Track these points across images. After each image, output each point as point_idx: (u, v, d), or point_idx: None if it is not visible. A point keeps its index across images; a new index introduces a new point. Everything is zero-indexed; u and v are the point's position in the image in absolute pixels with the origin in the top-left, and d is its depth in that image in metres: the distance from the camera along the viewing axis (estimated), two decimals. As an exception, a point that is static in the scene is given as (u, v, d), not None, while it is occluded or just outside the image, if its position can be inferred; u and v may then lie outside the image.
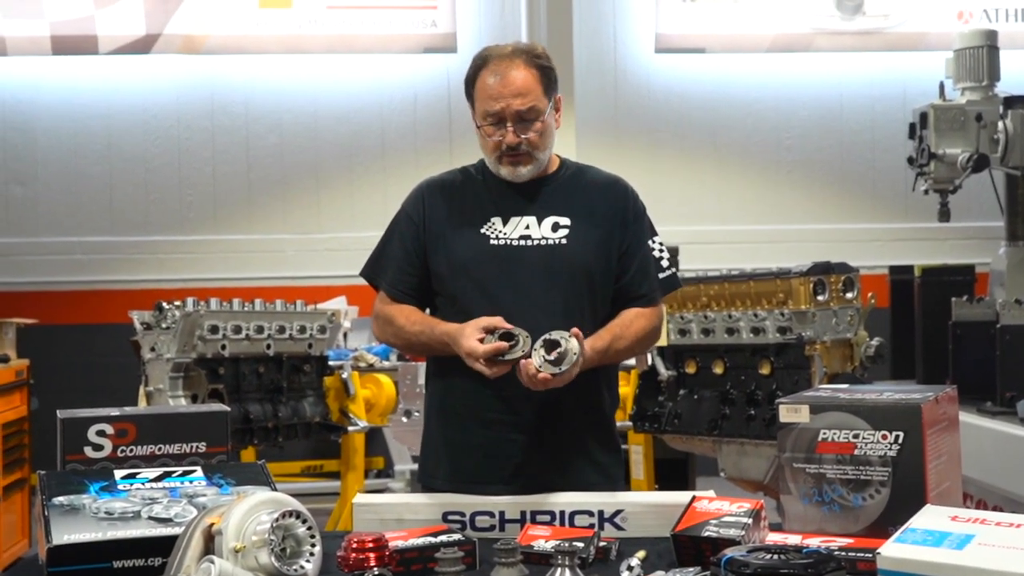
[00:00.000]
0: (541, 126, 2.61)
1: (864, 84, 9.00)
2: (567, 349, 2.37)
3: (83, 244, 8.37)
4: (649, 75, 8.84)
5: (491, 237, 2.65)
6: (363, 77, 8.63)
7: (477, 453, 2.63)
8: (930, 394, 2.15)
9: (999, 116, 4.84)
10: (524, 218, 2.67)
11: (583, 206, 2.69)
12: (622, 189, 2.78)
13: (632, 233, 2.72)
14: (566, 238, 2.65)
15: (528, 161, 2.63)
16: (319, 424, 4.69)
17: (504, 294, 2.58)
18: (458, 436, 2.68)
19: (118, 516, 2.06)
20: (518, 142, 2.59)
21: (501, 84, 2.57)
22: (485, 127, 2.62)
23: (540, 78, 2.62)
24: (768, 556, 1.82)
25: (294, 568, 1.85)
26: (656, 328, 2.74)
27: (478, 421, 2.64)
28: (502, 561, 1.95)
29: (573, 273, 2.63)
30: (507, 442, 2.61)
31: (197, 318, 4.17)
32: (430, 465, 2.76)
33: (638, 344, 2.69)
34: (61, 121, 8.40)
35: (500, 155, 2.62)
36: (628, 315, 2.67)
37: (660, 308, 2.77)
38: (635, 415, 4.34)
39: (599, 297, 2.67)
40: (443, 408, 2.72)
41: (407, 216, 2.75)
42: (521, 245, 2.64)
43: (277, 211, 8.57)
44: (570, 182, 2.73)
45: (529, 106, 2.58)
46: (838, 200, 9.03)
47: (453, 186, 2.75)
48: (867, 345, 3.89)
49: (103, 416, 2.31)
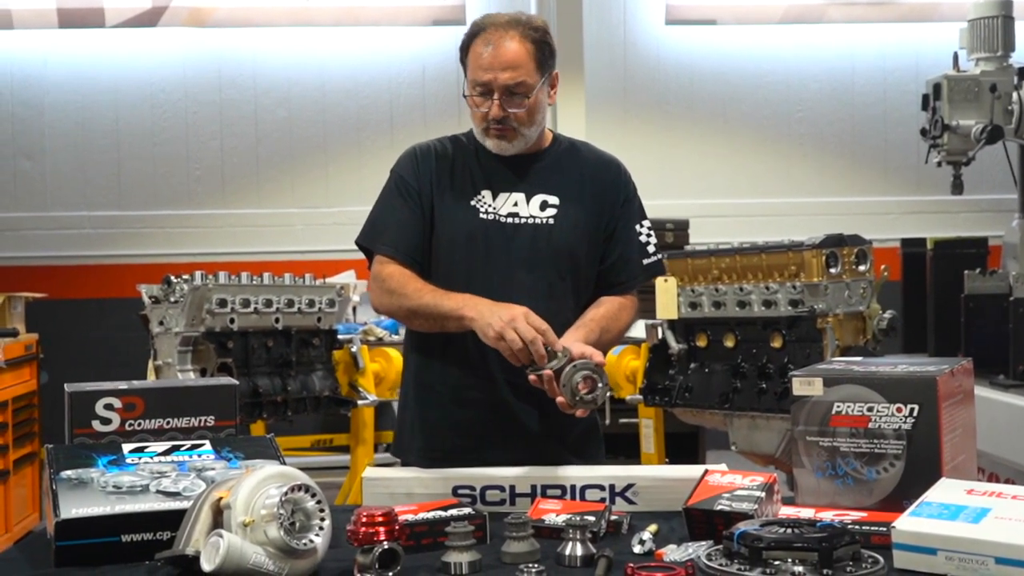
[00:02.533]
0: (530, 102, 2.54)
1: (877, 56, 8.93)
2: (602, 390, 2.30)
3: (91, 218, 8.36)
4: (659, 48, 8.78)
5: (480, 210, 2.60)
6: (371, 50, 8.58)
7: (452, 432, 2.61)
8: (945, 367, 2.13)
9: (1014, 87, 4.79)
10: (513, 194, 2.62)
11: (573, 186, 2.65)
12: (615, 170, 2.73)
13: (620, 216, 2.68)
14: (554, 218, 2.61)
15: (514, 136, 2.57)
16: (328, 398, 4.67)
17: (488, 271, 2.54)
18: (433, 413, 2.65)
19: (126, 490, 2.04)
20: (504, 115, 2.54)
21: (492, 55, 2.51)
22: (473, 97, 2.57)
23: (534, 52, 2.54)
24: (781, 530, 1.81)
25: (303, 542, 1.84)
26: (634, 318, 2.72)
27: (454, 400, 2.62)
28: (513, 535, 1.94)
29: (558, 254, 2.60)
30: (483, 423, 2.58)
31: (205, 292, 4.14)
32: (405, 440, 2.73)
33: (619, 337, 2.68)
34: (68, 95, 8.37)
35: (486, 127, 2.58)
36: (613, 307, 2.64)
37: (636, 296, 2.74)
38: (645, 388, 4.32)
39: (582, 279, 2.64)
40: (419, 384, 2.69)
41: (402, 179, 2.67)
42: (509, 222, 2.60)
43: (286, 185, 8.54)
44: (562, 160, 2.69)
45: (519, 80, 2.52)
46: (850, 173, 8.97)
47: (444, 154, 2.68)
48: (880, 318, 3.86)
49: (111, 390, 2.29)
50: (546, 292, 2.57)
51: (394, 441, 2.84)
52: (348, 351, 4.89)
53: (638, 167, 2.76)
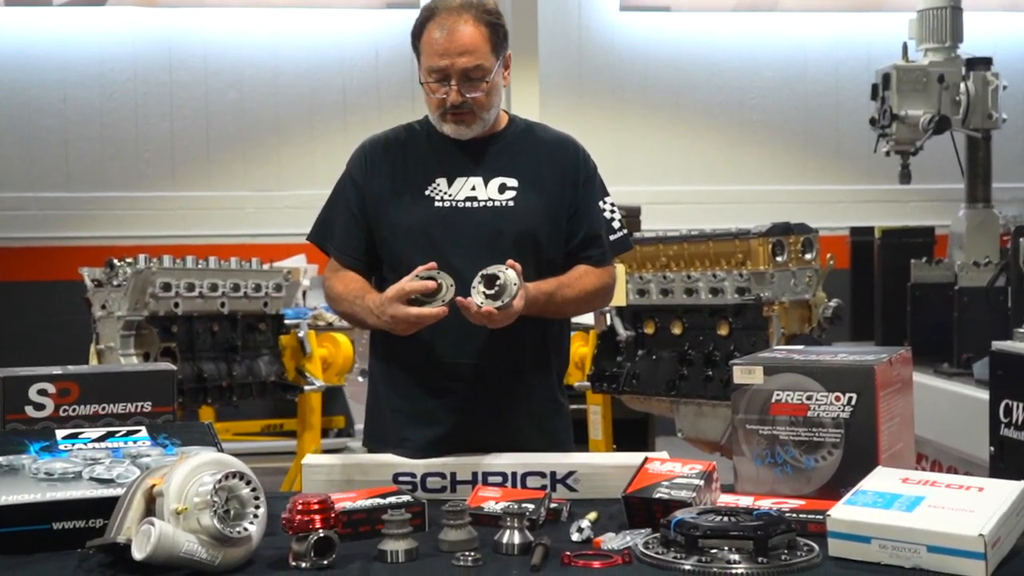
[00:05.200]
0: (487, 85, 2.52)
1: (829, 45, 8.99)
2: (506, 280, 2.30)
3: (38, 200, 8.24)
4: (614, 34, 8.78)
5: (435, 199, 2.58)
6: (325, 32, 8.52)
7: (422, 420, 2.59)
8: (884, 356, 2.14)
9: (961, 78, 4.85)
10: (470, 179, 2.60)
11: (531, 167, 2.62)
12: (572, 149, 2.70)
13: (582, 195, 2.65)
14: (513, 200, 2.58)
15: (473, 120, 2.55)
16: (274, 383, 4.64)
17: (448, 257, 2.51)
18: (403, 404, 2.63)
19: (58, 477, 2.01)
20: (462, 101, 2.51)
21: (447, 40, 2.47)
22: (429, 83, 2.54)
23: (489, 35, 2.51)
24: (718, 518, 1.81)
25: (237, 530, 1.81)
26: (607, 287, 2.68)
27: (423, 389, 2.60)
28: (450, 523, 1.92)
29: (520, 236, 2.57)
30: (453, 410, 2.57)
31: (149, 275, 4.10)
32: (376, 431, 2.72)
33: (585, 299, 2.62)
34: (15, 74, 8.24)
35: (444, 112, 2.55)
36: (578, 270, 2.62)
37: (611, 269, 2.70)
38: (593, 375, 4.33)
39: (545, 261, 2.61)
40: (388, 375, 2.67)
41: (351, 178, 2.67)
42: (467, 207, 2.57)
43: (237, 168, 8.47)
44: (518, 141, 2.66)
45: (475, 64, 2.49)
46: (802, 161, 9.03)
47: (396, 145, 2.67)
48: (825, 306, 3.89)
49: (44, 375, 2.24)
50: None
51: (365, 434, 2.83)
52: (295, 336, 4.86)
53: (592, 152, 2.74)
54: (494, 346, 2.53)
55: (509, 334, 2.50)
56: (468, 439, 2.51)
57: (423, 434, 2.56)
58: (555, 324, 2.67)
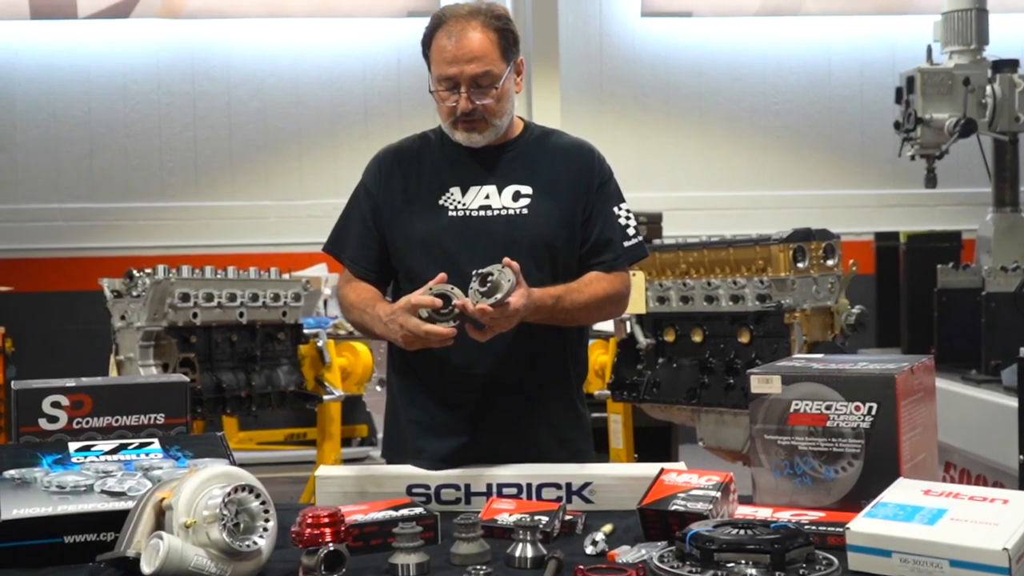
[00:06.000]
0: (497, 92, 2.49)
1: (853, 48, 8.92)
2: (499, 277, 2.28)
3: (63, 211, 8.29)
4: (635, 39, 8.75)
5: (449, 209, 2.56)
6: (346, 41, 8.54)
7: (440, 432, 2.57)
8: (905, 364, 2.10)
9: (987, 80, 4.79)
10: (484, 187, 2.57)
11: (546, 174, 2.60)
12: (587, 154, 2.66)
13: (596, 200, 2.62)
14: (527, 208, 2.55)
15: (484, 127, 2.52)
16: (294, 393, 4.62)
17: (464, 267, 2.49)
18: (419, 415, 2.61)
19: (70, 490, 2.00)
20: (472, 108, 2.49)
21: (456, 47, 2.45)
22: (440, 91, 2.52)
23: (498, 41, 2.49)
24: (734, 531, 1.77)
25: (247, 544, 1.80)
26: (620, 295, 2.64)
27: (437, 400, 2.58)
28: (462, 536, 1.90)
29: (535, 244, 2.54)
30: (470, 421, 2.54)
31: (167, 286, 4.09)
32: (394, 443, 2.70)
33: (597, 305, 2.57)
34: (40, 86, 8.30)
35: (455, 120, 2.53)
36: (588, 275, 2.58)
37: (624, 276, 2.65)
38: (613, 384, 4.28)
39: (561, 269, 2.58)
40: (404, 386, 2.65)
41: (365, 189, 2.66)
42: (481, 216, 2.55)
43: (259, 177, 8.49)
44: (532, 148, 2.63)
45: (485, 71, 2.46)
46: (826, 166, 8.97)
47: (410, 154, 2.65)
48: (848, 313, 3.83)
49: (58, 387, 2.24)
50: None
51: (383, 445, 2.81)
52: (314, 345, 4.85)
53: (613, 159, 2.71)
54: (510, 356, 2.51)
55: (525, 343, 2.47)
56: (485, 450, 2.49)
57: (440, 445, 2.54)
58: (572, 332, 2.64)
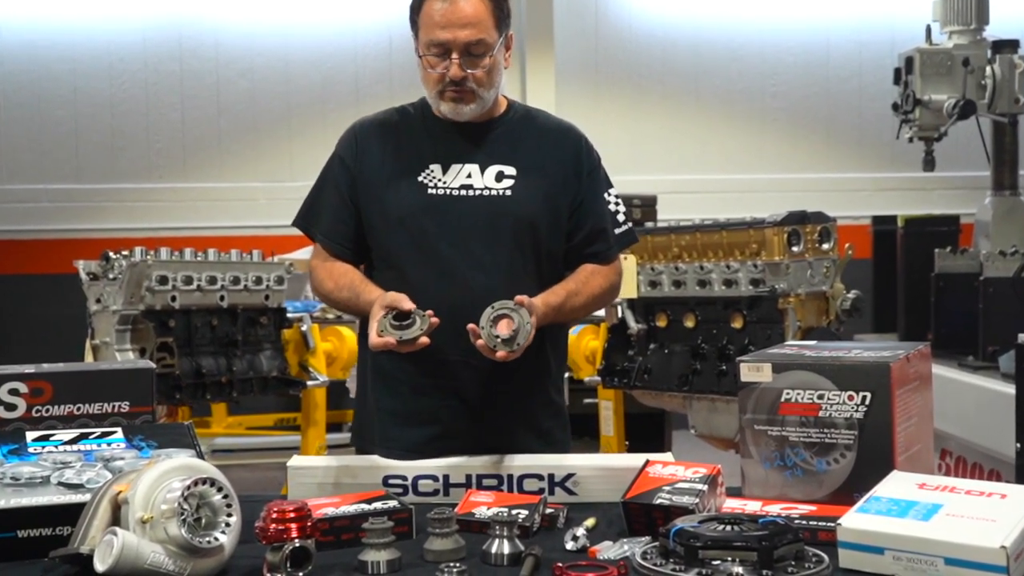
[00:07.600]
0: (489, 62, 2.41)
1: (852, 29, 8.83)
2: (520, 325, 2.20)
3: (48, 191, 8.20)
4: (631, 18, 8.64)
5: (429, 186, 2.46)
6: (336, 19, 8.43)
7: (413, 420, 2.48)
8: (900, 352, 2.02)
9: (987, 61, 4.70)
10: (466, 165, 2.48)
11: (531, 155, 2.51)
12: (575, 138, 2.58)
13: (586, 187, 2.54)
14: (511, 189, 2.47)
15: (471, 99, 2.43)
16: (276, 379, 4.53)
17: (442, 249, 2.40)
18: (394, 403, 2.52)
19: (24, 482, 1.91)
20: (463, 76, 2.39)
21: (450, 12, 2.36)
22: (428, 57, 2.42)
23: (492, 10, 2.41)
24: (720, 527, 1.69)
25: (207, 540, 1.71)
26: (614, 286, 2.59)
27: (414, 387, 2.49)
28: (436, 531, 1.81)
29: (518, 228, 2.45)
30: (444, 409, 2.46)
31: (144, 268, 4.00)
32: (364, 430, 2.61)
33: (594, 302, 2.54)
34: (24, 64, 8.19)
35: (442, 89, 2.43)
36: (585, 271, 2.52)
37: (617, 265, 2.61)
38: (604, 370, 4.21)
39: (544, 254, 2.50)
40: (377, 372, 2.56)
41: (340, 160, 2.56)
42: (461, 195, 2.45)
43: (248, 158, 8.40)
44: (518, 128, 2.54)
45: (478, 39, 2.38)
46: (824, 149, 8.89)
47: (389, 127, 2.56)
48: (843, 298, 3.75)
49: (15, 374, 2.15)
50: (506, 267, 2.44)
51: (353, 433, 2.72)
52: (298, 330, 4.76)
53: (608, 141, 2.63)
54: None
55: None
56: (458, 440, 2.40)
57: (411, 434, 2.46)
58: None
